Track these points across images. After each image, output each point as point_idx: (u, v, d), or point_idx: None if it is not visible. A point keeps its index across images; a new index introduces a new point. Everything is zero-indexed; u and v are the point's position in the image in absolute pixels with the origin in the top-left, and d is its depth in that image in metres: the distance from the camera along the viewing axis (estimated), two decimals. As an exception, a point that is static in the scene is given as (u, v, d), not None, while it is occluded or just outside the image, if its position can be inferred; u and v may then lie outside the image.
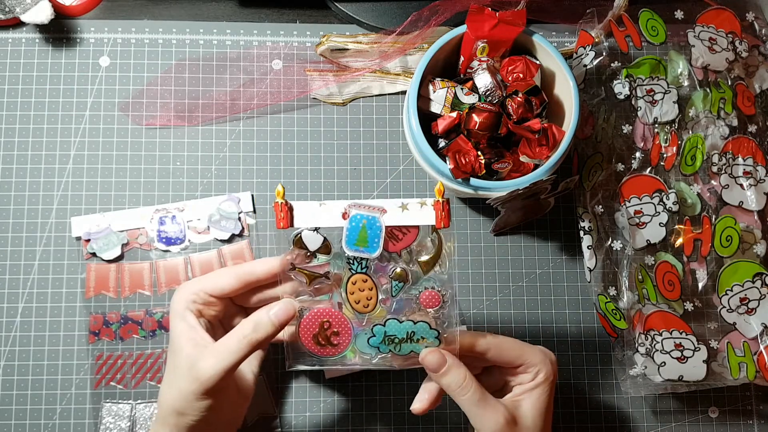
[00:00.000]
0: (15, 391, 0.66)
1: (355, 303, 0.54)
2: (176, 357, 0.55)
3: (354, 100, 0.73)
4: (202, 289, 0.57)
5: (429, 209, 0.52)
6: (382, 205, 0.52)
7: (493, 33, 0.63)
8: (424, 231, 0.53)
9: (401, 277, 0.53)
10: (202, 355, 0.53)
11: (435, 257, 0.54)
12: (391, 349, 0.54)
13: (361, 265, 0.53)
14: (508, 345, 0.56)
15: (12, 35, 0.72)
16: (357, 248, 0.52)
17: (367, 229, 0.52)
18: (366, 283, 0.53)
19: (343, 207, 0.52)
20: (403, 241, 0.53)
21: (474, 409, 0.54)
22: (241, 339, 0.53)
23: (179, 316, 0.56)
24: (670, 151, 0.69)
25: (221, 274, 0.58)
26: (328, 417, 0.68)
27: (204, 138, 0.71)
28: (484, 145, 0.62)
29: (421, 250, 0.54)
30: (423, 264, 0.54)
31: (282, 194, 0.52)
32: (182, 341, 0.55)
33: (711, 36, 0.71)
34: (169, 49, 0.72)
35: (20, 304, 0.67)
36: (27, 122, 0.70)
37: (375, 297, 0.53)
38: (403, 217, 0.52)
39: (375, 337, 0.53)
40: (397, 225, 0.52)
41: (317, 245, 0.53)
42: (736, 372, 0.65)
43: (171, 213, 0.69)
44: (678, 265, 0.67)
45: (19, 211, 0.69)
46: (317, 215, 0.52)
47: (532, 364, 0.56)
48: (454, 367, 0.53)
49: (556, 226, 0.72)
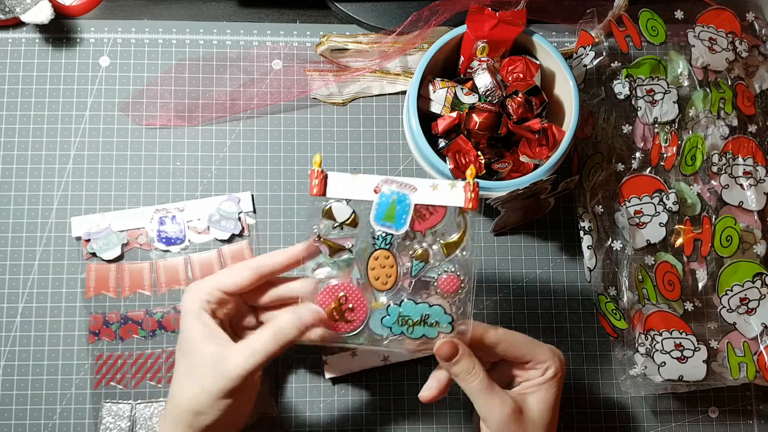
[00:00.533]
0: (15, 391, 0.66)
1: (375, 279, 0.53)
2: (194, 356, 0.54)
3: (354, 100, 0.73)
4: (217, 287, 0.56)
5: (459, 190, 0.52)
6: (413, 183, 0.52)
7: (493, 33, 0.63)
8: (451, 213, 0.53)
9: (423, 257, 0.53)
10: (230, 352, 0.53)
11: (459, 240, 0.53)
12: (404, 331, 0.53)
13: (385, 240, 0.53)
14: (519, 340, 0.57)
15: (12, 35, 0.72)
16: (384, 223, 0.52)
17: (396, 204, 0.52)
18: (388, 260, 0.53)
19: (376, 182, 0.52)
20: (429, 221, 0.53)
21: (481, 397, 0.54)
22: (269, 339, 0.53)
23: (193, 315, 0.55)
24: (670, 151, 0.69)
25: (236, 269, 0.57)
26: (328, 417, 0.68)
27: (204, 138, 0.71)
28: (484, 145, 0.62)
29: (445, 232, 0.53)
30: (446, 246, 0.53)
31: (319, 162, 0.52)
32: (200, 341, 0.54)
33: (711, 36, 0.71)
34: (169, 49, 0.72)
35: (20, 304, 0.67)
36: (27, 122, 0.70)
37: (395, 275, 0.53)
38: (432, 196, 0.52)
39: (389, 316, 0.53)
40: (425, 204, 0.52)
41: (345, 217, 0.53)
42: (736, 372, 0.65)
43: (171, 213, 0.69)
44: (678, 265, 0.67)
45: (19, 211, 0.69)
46: (350, 186, 0.52)
47: (541, 360, 0.56)
48: (466, 356, 0.54)
49: (556, 226, 0.72)
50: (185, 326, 0.55)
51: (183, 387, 0.55)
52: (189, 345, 0.55)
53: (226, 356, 0.53)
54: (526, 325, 0.70)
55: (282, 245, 0.70)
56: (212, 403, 0.53)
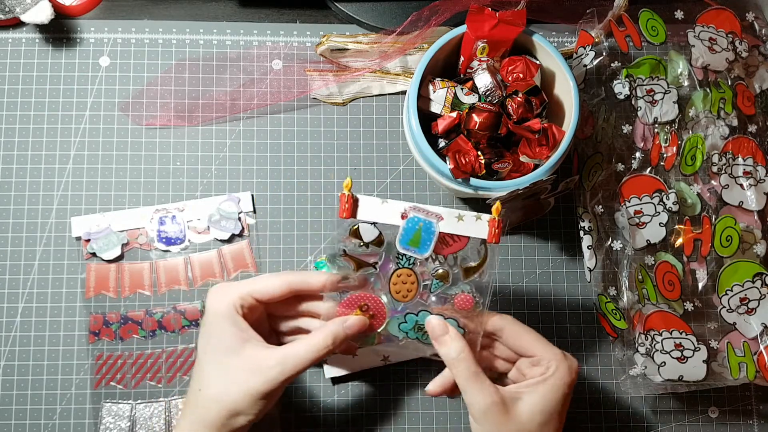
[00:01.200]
0: (15, 391, 0.66)
1: (396, 293, 0.57)
2: (233, 358, 0.54)
3: (354, 100, 0.73)
4: (251, 293, 0.56)
5: (483, 224, 0.55)
6: (439, 212, 0.55)
7: (493, 33, 0.63)
8: (473, 241, 0.56)
9: (443, 276, 0.56)
10: (272, 356, 0.54)
11: (478, 267, 0.57)
12: (419, 337, 0.57)
13: (408, 261, 0.56)
14: (523, 331, 0.58)
15: (12, 35, 0.72)
16: (408, 247, 0.56)
17: (422, 231, 0.55)
18: (410, 278, 0.56)
19: (403, 207, 0.55)
20: (452, 248, 0.56)
21: (467, 384, 0.55)
22: (315, 345, 0.55)
23: (227, 318, 0.55)
24: (670, 151, 0.69)
25: (269, 278, 0.57)
26: (328, 417, 0.68)
27: (204, 138, 0.71)
28: (484, 145, 0.62)
29: (467, 258, 0.57)
30: (466, 270, 0.57)
31: (350, 186, 0.55)
32: (238, 343, 0.54)
33: (711, 36, 0.71)
34: (169, 49, 0.72)
35: (20, 304, 0.67)
36: (27, 122, 0.70)
37: (415, 290, 0.57)
38: (457, 226, 0.55)
39: (406, 323, 0.57)
40: (450, 233, 0.55)
41: (372, 238, 0.56)
42: (736, 372, 0.65)
43: (171, 213, 0.69)
44: (678, 265, 0.67)
45: (19, 211, 0.69)
46: (378, 211, 0.55)
47: (545, 359, 0.56)
48: (456, 339, 0.56)
49: (556, 226, 0.72)
50: (218, 327, 0.55)
51: (221, 388, 0.54)
52: (225, 346, 0.55)
53: (269, 358, 0.54)
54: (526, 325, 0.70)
55: (282, 245, 0.70)
56: (252, 403, 0.54)
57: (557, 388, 0.55)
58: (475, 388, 0.54)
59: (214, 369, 0.55)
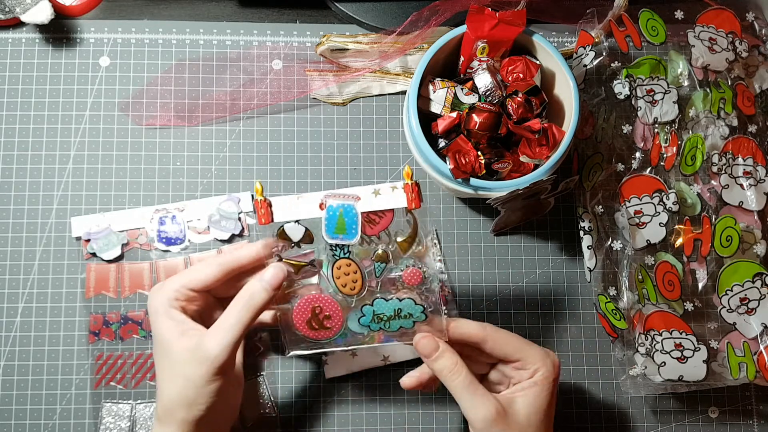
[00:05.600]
0: (15, 391, 0.66)
1: (343, 287, 0.56)
2: (172, 353, 0.54)
3: (354, 100, 0.73)
4: (184, 285, 0.56)
5: (400, 192, 0.54)
6: (356, 193, 0.54)
7: (493, 33, 0.63)
8: (399, 214, 0.55)
9: (383, 258, 0.56)
10: (205, 336, 0.53)
11: (411, 237, 0.56)
12: (381, 327, 0.56)
13: (343, 250, 0.55)
14: (507, 338, 0.57)
15: (12, 35, 0.72)
16: (336, 236, 0.55)
17: (344, 216, 0.54)
18: (350, 267, 0.55)
19: (319, 198, 0.54)
20: (380, 225, 0.55)
21: (465, 395, 0.55)
22: (240, 309, 0.54)
23: (163, 315, 0.55)
24: (670, 151, 0.69)
25: (201, 267, 0.57)
26: (328, 417, 0.68)
27: (204, 138, 0.71)
28: (484, 145, 0.62)
29: (398, 232, 0.56)
30: (400, 244, 0.56)
31: (261, 191, 0.54)
32: (175, 337, 0.54)
33: (711, 36, 0.71)
34: (169, 49, 0.72)
35: (20, 304, 0.67)
36: (27, 122, 0.70)
37: (360, 279, 0.56)
38: (376, 202, 0.54)
39: (365, 316, 0.56)
40: (371, 210, 0.55)
41: (300, 236, 0.55)
42: (736, 372, 0.65)
43: (171, 213, 0.69)
44: (678, 265, 0.67)
45: (19, 211, 0.69)
46: (295, 208, 0.54)
47: (530, 361, 0.56)
48: (447, 353, 0.55)
49: (556, 226, 0.72)
50: (157, 327, 0.56)
51: (168, 384, 0.55)
52: (163, 344, 0.55)
53: (202, 341, 0.53)
54: (526, 325, 0.70)
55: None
56: (201, 390, 0.53)
57: (546, 387, 0.56)
58: (475, 400, 0.54)
59: (162, 367, 0.55)
